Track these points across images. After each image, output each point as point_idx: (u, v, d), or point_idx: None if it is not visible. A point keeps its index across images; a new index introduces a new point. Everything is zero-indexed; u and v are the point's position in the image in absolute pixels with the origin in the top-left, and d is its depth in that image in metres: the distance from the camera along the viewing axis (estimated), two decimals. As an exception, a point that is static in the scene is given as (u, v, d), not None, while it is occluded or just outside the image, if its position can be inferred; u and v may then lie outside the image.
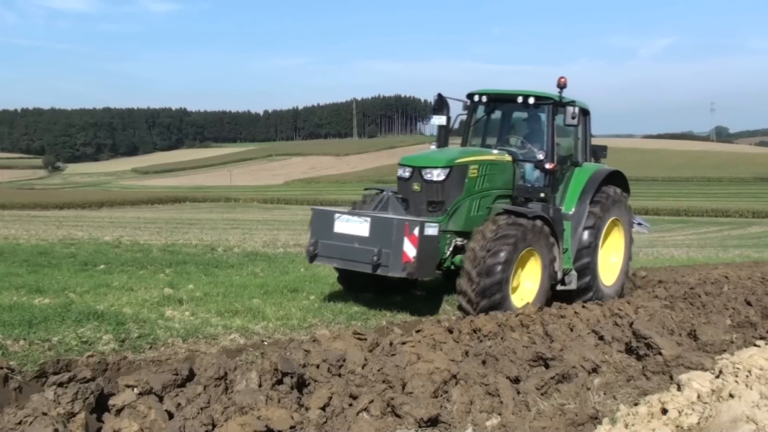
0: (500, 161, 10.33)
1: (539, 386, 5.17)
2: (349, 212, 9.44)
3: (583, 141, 11.55)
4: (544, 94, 10.50)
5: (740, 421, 3.87)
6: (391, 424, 4.43)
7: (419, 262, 8.70)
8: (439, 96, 11.07)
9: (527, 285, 9.69)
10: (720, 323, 7.70)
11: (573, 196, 10.91)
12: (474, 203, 9.88)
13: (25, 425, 4.00)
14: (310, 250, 9.47)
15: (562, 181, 10.98)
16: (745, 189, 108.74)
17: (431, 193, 9.64)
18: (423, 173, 9.63)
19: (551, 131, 10.45)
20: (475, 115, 11.43)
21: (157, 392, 4.66)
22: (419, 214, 9.56)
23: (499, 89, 11.00)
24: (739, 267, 17.84)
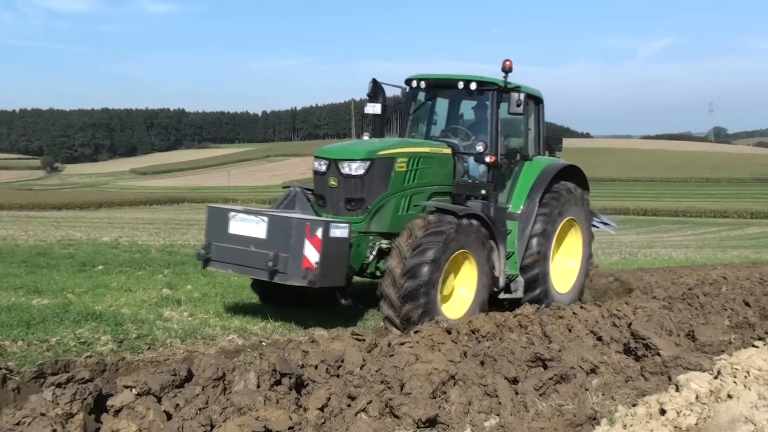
0: (436, 154, 9.26)
1: (537, 387, 5.17)
2: (245, 210, 8.33)
3: (536, 132, 10.46)
4: (488, 79, 9.43)
5: (738, 422, 3.87)
6: (389, 425, 4.43)
7: (323, 268, 7.62)
8: (373, 81, 10.00)
9: (462, 293, 8.72)
10: (718, 324, 7.71)
11: (521, 194, 9.84)
12: (402, 201, 8.79)
13: (23, 426, 4.00)
14: (201, 254, 8.34)
15: (510, 176, 9.96)
16: (744, 190, 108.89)
17: (349, 189, 8.51)
18: (340, 166, 8.49)
19: (494, 120, 9.41)
20: (414, 103, 10.41)
21: (155, 393, 4.65)
22: (337, 212, 8.56)
23: (440, 74, 9.98)
24: (737, 268, 17.87)
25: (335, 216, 8.47)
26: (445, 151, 9.39)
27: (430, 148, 9.22)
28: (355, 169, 8.44)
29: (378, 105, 9.97)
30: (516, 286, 9.59)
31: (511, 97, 9.06)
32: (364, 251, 8.59)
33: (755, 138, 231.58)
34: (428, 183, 9.10)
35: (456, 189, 9.43)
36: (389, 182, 8.61)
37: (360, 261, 8.56)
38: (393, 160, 8.64)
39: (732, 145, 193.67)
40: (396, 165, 8.64)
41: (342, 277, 8.10)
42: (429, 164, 9.06)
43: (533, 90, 10.13)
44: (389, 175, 8.59)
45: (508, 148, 10.00)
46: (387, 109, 10.18)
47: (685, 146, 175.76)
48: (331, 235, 7.72)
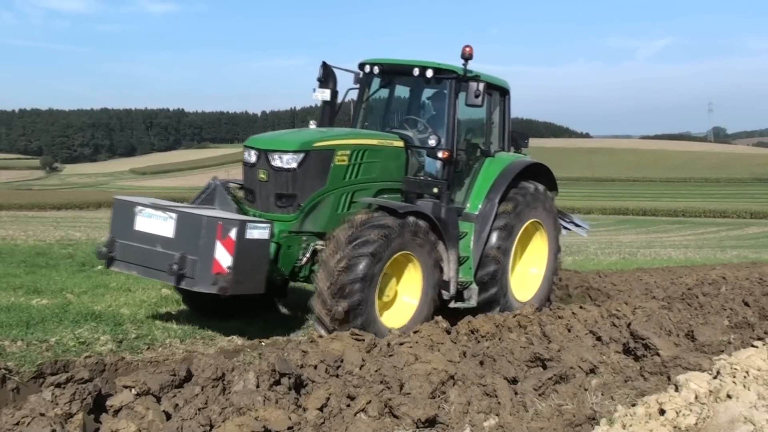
0: (385, 147, 8.40)
1: (537, 387, 5.17)
2: (152, 205, 7.39)
3: (500, 127, 9.69)
4: (446, 66, 8.64)
5: (738, 422, 3.87)
6: (388, 425, 4.43)
7: (237, 273, 6.79)
8: (323, 65, 9.11)
9: (405, 299, 7.97)
10: (718, 324, 7.71)
11: (479, 193, 9.03)
12: (343, 198, 7.98)
13: (22, 426, 4.00)
14: (102, 252, 7.39)
15: (469, 174, 9.18)
16: (743, 190, 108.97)
17: (280, 184, 7.66)
18: (270, 158, 7.64)
19: (451, 112, 8.60)
20: (368, 91, 9.51)
21: (154, 393, 4.65)
22: (266, 209, 7.77)
23: (395, 59, 9.10)
24: (736, 268, 17.87)
25: (264, 213, 7.72)
26: (395, 143, 8.57)
27: (377, 140, 8.38)
28: (287, 162, 7.60)
29: (327, 91, 9.11)
30: (470, 293, 8.75)
31: (469, 87, 8.27)
32: (297, 253, 7.80)
33: (754, 138, 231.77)
34: (374, 179, 8.29)
35: (406, 186, 8.64)
36: (327, 177, 7.80)
37: (291, 264, 7.80)
38: (332, 152, 7.82)
39: (731, 145, 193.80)
40: (336, 158, 7.83)
41: (260, 284, 7.19)
42: (376, 158, 8.25)
43: (498, 80, 9.44)
44: (327, 169, 7.78)
45: (469, 143, 9.31)
46: (338, 96, 9.29)
47: (685, 146, 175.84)
48: (247, 236, 6.88)
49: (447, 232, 8.22)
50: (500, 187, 8.94)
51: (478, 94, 8.24)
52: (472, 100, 8.27)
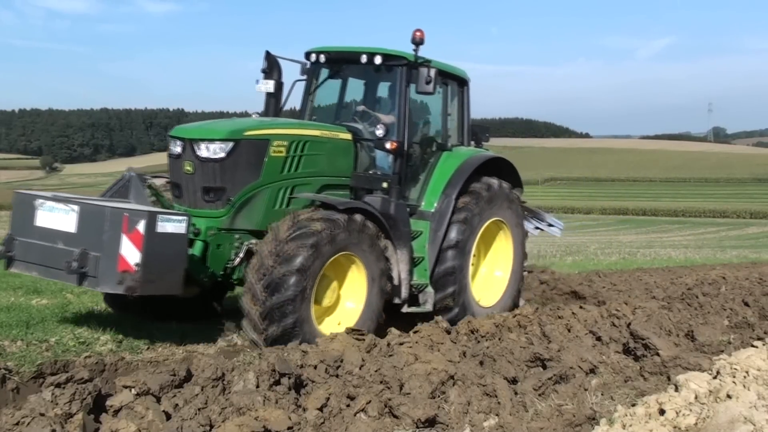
0: (330, 139, 7.84)
1: (537, 387, 5.17)
2: (53, 197, 6.67)
3: (459, 119, 9.17)
4: (396, 52, 8.11)
5: (738, 422, 3.88)
6: (388, 425, 4.43)
7: (146, 272, 6.05)
8: (267, 55, 8.58)
9: (348, 305, 7.38)
10: (717, 324, 7.71)
11: (435, 189, 8.45)
12: (280, 193, 7.41)
13: (22, 426, 4.00)
14: (0, 252, 6.72)
15: (425, 169, 8.64)
16: (743, 190, 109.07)
17: (207, 176, 7.06)
18: (196, 148, 7.03)
19: (402, 101, 8.06)
20: (315, 81, 8.90)
21: (154, 393, 4.65)
22: (194, 204, 7.15)
23: (342, 46, 8.62)
24: (736, 268, 17.87)
25: (191, 209, 7.07)
26: (342, 136, 8.02)
27: (320, 132, 7.80)
28: (214, 152, 7.00)
29: (271, 82, 8.54)
30: (425, 297, 8.14)
31: (419, 73, 7.73)
32: (228, 252, 7.16)
33: (754, 138, 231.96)
34: (317, 173, 7.71)
35: (354, 182, 8.07)
36: (261, 169, 7.22)
37: (222, 264, 7.16)
38: (267, 142, 7.25)
39: (731, 146, 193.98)
40: (271, 149, 7.25)
41: (177, 285, 6.43)
42: (319, 151, 7.69)
43: (456, 69, 8.90)
44: (261, 161, 7.21)
45: (425, 137, 8.80)
46: (283, 88, 8.71)
47: (685, 146, 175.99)
48: (158, 229, 6.13)
49: (396, 230, 7.72)
50: (457, 183, 8.37)
51: (429, 81, 7.70)
52: (423, 87, 7.73)
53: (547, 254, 23.51)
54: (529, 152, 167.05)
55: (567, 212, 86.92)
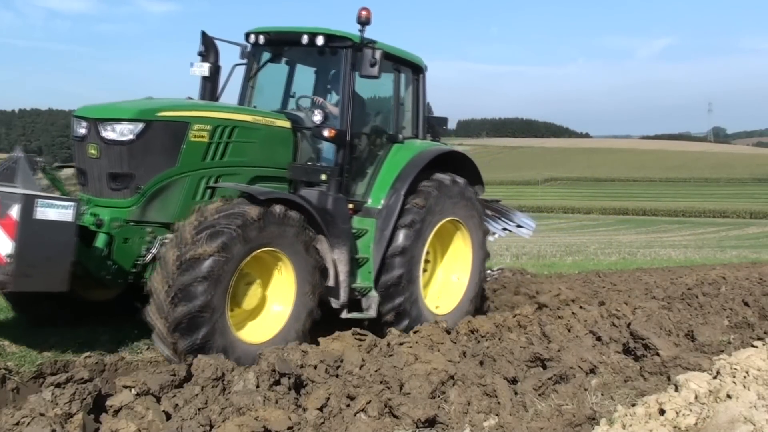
0: (263, 126, 7.16)
1: (537, 387, 5.17)
2: None
3: (414, 110, 8.49)
4: (339, 33, 7.44)
5: (738, 422, 3.88)
6: (388, 425, 4.43)
7: (22, 264, 5.24)
8: (203, 35, 7.92)
9: (275, 308, 6.62)
10: (717, 324, 7.72)
11: (384, 184, 7.73)
12: (201, 183, 6.69)
13: (22, 426, 4.00)
14: None
15: (373, 162, 7.94)
16: (743, 190, 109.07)
17: (113, 161, 6.28)
18: (101, 129, 6.25)
19: (346, 86, 7.41)
20: (256, 64, 8.20)
21: (154, 393, 4.66)
22: (99, 193, 6.37)
23: (284, 27, 7.90)
24: (736, 268, 17.90)
25: (96, 198, 6.37)
26: (279, 123, 7.35)
27: (252, 117, 7.12)
28: (121, 133, 6.24)
29: (206, 65, 7.87)
30: (369, 302, 7.43)
31: (363, 55, 7.14)
32: (138, 248, 6.38)
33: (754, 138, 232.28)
34: (248, 163, 7.04)
35: (290, 173, 7.42)
36: (178, 155, 6.49)
37: (131, 260, 6.36)
38: (186, 125, 6.51)
39: (731, 146, 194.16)
40: (191, 133, 6.52)
41: (61, 281, 5.54)
42: (250, 138, 7.02)
43: (410, 55, 8.27)
44: (178, 146, 6.48)
45: (374, 128, 8.14)
46: (220, 72, 8.05)
47: (684, 146, 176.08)
48: (38, 215, 5.30)
49: (334, 226, 7.06)
50: (407, 178, 7.67)
51: (374, 63, 7.08)
52: (367, 70, 7.12)
53: (547, 254, 23.53)
54: (529, 152, 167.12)
55: (567, 212, 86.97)
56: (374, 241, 7.49)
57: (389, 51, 7.64)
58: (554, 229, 60.06)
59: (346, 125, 7.38)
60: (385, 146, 8.02)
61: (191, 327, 5.72)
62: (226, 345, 5.92)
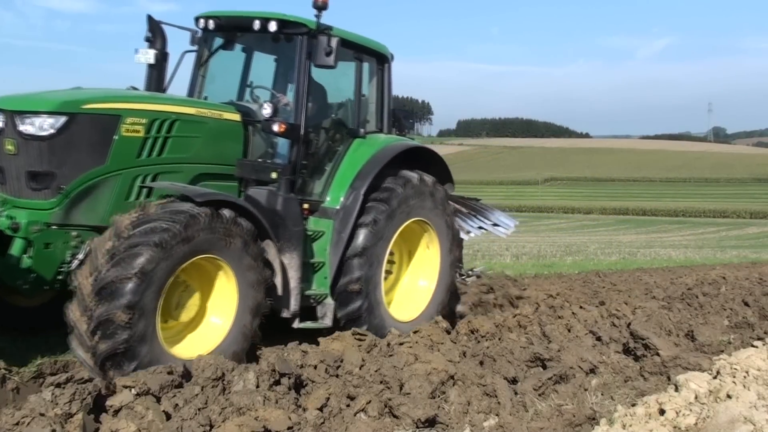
0: (209, 120, 6.52)
1: (537, 387, 5.18)
2: None
3: (378, 103, 7.90)
4: (294, 18, 6.88)
5: (738, 422, 3.88)
6: (388, 425, 4.43)
7: None
8: (149, 20, 7.35)
9: (214, 320, 5.95)
10: (717, 324, 7.73)
11: (342, 183, 7.17)
12: (136, 183, 6.06)
13: (22, 426, 4.00)
14: None
15: (332, 158, 7.36)
16: (743, 190, 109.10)
17: (32, 158, 5.69)
18: (18, 122, 5.64)
19: (301, 76, 6.81)
20: (207, 52, 7.57)
21: (154, 393, 4.65)
22: (18, 193, 5.78)
23: (236, 11, 7.30)
24: (736, 268, 17.91)
25: (14, 199, 5.77)
26: (227, 116, 6.74)
27: (196, 110, 6.48)
28: (41, 127, 5.61)
29: (152, 52, 7.27)
30: (324, 310, 6.95)
31: (318, 43, 6.57)
32: (62, 254, 5.76)
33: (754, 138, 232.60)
34: (191, 159, 6.41)
35: (238, 170, 6.82)
36: (108, 152, 5.86)
37: (53, 268, 5.75)
38: (117, 119, 5.88)
39: (731, 145, 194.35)
40: (123, 127, 5.90)
41: None
42: (193, 132, 6.39)
43: (373, 43, 7.69)
44: (108, 141, 5.86)
45: (334, 121, 7.53)
46: (168, 59, 7.43)
47: (684, 146, 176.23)
48: None
49: (284, 229, 6.52)
50: (368, 175, 7.10)
51: (330, 52, 6.52)
52: (322, 59, 6.55)
53: (547, 254, 23.54)
54: (529, 152, 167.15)
55: (567, 212, 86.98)
56: (331, 243, 6.96)
57: (348, 38, 7.15)
58: (554, 229, 60.09)
59: (301, 119, 6.79)
60: (345, 141, 7.43)
61: (114, 330, 5.11)
62: (152, 358, 5.27)
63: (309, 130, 6.95)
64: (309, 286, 6.86)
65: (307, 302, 6.80)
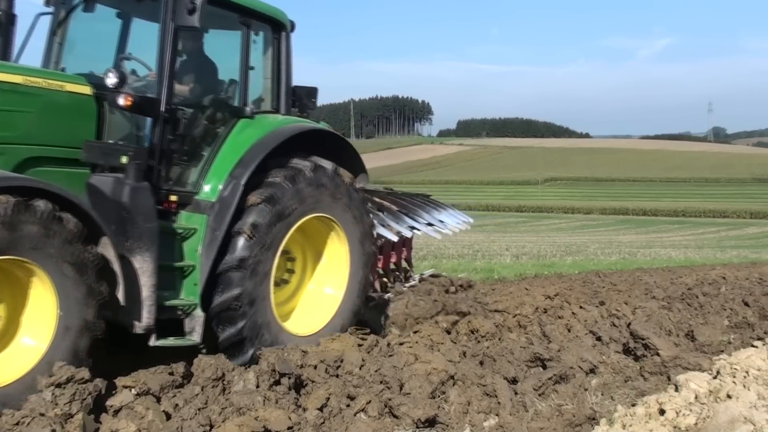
0: (45, 91, 5.34)
1: (537, 387, 5.18)
2: None
3: (274, 78, 6.68)
4: None
5: (738, 422, 3.88)
6: (388, 425, 4.43)
7: None
8: None
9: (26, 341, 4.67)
10: (717, 324, 7.73)
11: (220, 171, 5.93)
12: None
13: (22, 426, 4.00)
14: None
15: (211, 142, 6.08)
16: (743, 190, 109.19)
17: None
18: None
19: (166, 41, 5.70)
20: (62, 15, 6.41)
21: (154, 393, 4.66)
22: None
23: None
24: (736, 268, 17.90)
25: None
26: (71, 87, 5.53)
27: (24, 78, 5.27)
28: None
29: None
30: (193, 324, 5.58)
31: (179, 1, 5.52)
32: None
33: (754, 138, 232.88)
34: (16, 139, 5.22)
35: (85, 154, 5.55)
36: None
37: None
38: None
39: (731, 145, 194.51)
40: None
41: None
42: (19, 106, 5.23)
43: (265, 6, 6.49)
44: None
45: (215, 99, 6.28)
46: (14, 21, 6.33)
47: (685, 146, 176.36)
48: None
49: (133, 226, 5.24)
50: (251, 163, 5.90)
51: (193, 9, 5.48)
52: (184, 17, 5.52)
53: (547, 254, 23.53)
54: (529, 152, 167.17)
55: (567, 212, 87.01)
56: (203, 243, 5.68)
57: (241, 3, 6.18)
58: (554, 229, 60.13)
59: (162, 93, 5.61)
60: (227, 122, 6.21)
61: None
62: None
63: (176, 108, 5.71)
64: (175, 295, 5.59)
65: (172, 314, 5.49)
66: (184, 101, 5.99)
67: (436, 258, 19.11)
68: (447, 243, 26.38)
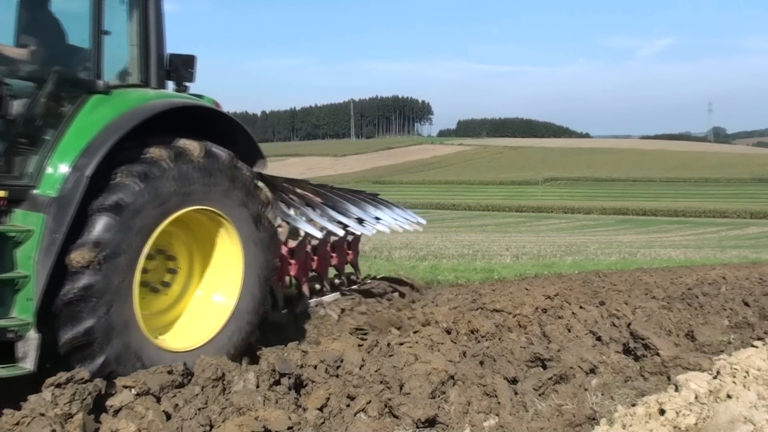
0: None
1: (537, 387, 5.18)
2: None
3: (142, 46, 5.54)
4: None
5: (738, 422, 3.87)
6: (388, 425, 4.43)
7: None
8: None
9: None
10: (718, 324, 7.73)
11: (63, 160, 4.72)
12: None
13: (22, 426, 3.99)
14: None
15: (53, 124, 4.82)
16: (743, 190, 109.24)
17: None
18: None
19: None
20: None
21: (154, 393, 4.65)
22: None
23: None
24: (736, 268, 17.89)
25: None
26: None
27: None
28: None
29: None
30: (26, 348, 4.47)
31: None
32: None
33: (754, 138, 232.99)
34: None
35: None
36: None
37: None
38: None
39: (731, 145, 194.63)
40: None
41: None
42: None
43: None
44: None
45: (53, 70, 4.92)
46: None
47: (685, 146, 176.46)
48: None
49: None
50: (99, 149, 4.69)
51: None
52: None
53: (547, 254, 23.52)
54: (529, 152, 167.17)
55: (567, 212, 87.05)
56: (39, 248, 4.53)
57: None
58: (554, 229, 60.13)
59: None
60: (76, 99, 4.98)
61: None
62: None
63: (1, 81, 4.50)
64: (4, 313, 4.48)
65: (1, 337, 4.40)
66: (16, 70, 4.88)
67: (436, 258, 19.11)
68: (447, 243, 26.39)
